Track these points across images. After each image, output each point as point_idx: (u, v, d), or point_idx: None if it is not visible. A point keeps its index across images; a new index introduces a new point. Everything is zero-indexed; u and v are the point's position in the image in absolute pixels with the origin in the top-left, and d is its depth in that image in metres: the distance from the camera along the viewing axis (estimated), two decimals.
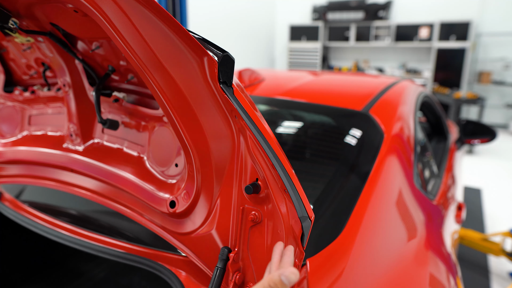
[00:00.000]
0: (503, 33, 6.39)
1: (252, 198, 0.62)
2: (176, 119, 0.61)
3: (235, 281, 0.62)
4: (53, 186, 1.01)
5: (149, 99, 0.83)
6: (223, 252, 0.63)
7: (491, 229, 3.13)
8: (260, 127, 0.55)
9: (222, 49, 0.56)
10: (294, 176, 0.55)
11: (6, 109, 1.12)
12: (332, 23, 7.61)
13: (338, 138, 1.23)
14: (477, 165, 4.77)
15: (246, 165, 0.62)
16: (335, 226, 0.86)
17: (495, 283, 2.40)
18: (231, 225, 0.65)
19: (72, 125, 0.94)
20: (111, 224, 1.09)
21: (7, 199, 1.25)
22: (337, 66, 8.02)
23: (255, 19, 7.53)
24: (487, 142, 2.37)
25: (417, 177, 1.22)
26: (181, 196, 0.72)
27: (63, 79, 0.91)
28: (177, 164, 0.77)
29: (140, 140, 0.85)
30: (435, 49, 6.69)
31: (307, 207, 0.54)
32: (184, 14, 3.56)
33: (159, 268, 0.83)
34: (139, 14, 0.51)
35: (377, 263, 0.83)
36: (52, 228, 1.05)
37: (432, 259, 0.98)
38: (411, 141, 1.30)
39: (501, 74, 6.61)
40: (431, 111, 2.17)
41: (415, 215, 1.08)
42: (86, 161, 0.92)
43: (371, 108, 1.30)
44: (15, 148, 1.08)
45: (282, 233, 0.56)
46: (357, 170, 1.05)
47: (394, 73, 7.25)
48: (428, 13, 6.89)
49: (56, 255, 1.61)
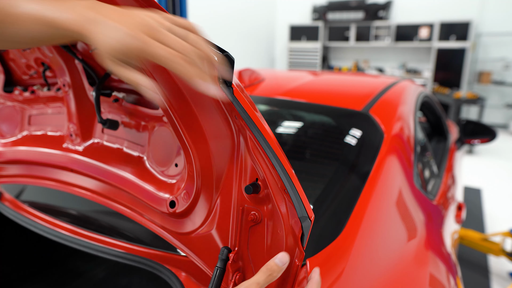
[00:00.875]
0: (503, 33, 6.40)
1: (252, 198, 0.62)
2: (175, 119, 0.61)
3: (235, 281, 0.62)
4: (53, 186, 1.01)
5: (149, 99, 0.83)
6: (223, 252, 0.63)
7: (491, 229, 3.13)
8: (260, 127, 0.55)
9: (222, 49, 0.56)
10: (294, 176, 0.55)
11: (6, 109, 1.12)
12: (332, 23, 7.61)
13: (338, 138, 1.24)
14: (477, 165, 4.77)
15: (246, 165, 0.62)
16: (335, 226, 0.86)
17: (495, 283, 2.40)
18: (231, 225, 0.65)
19: (72, 125, 0.94)
20: (111, 224, 1.09)
21: (7, 199, 1.25)
22: (337, 66, 8.02)
23: (255, 19, 7.53)
24: (487, 142, 2.38)
25: (417, 177, 1.22)
26: (181, 196, 0.72)
27: (63, 79, 0.91)
28: (177, 164, 0.77)
29: (140, 140, 0.85)
30: (435, 49, 6.70)
31: (307, 207, 0.54)
32: (184, 14, 3.56)
33: (159, 268, 0.83)
34: None
35: (377, 263, 0.83)
36: (52, 228, 1.05)
37: (432, 259, 0.98)
38: (411, 141, 1.30)
39: (501, 74, 6.61)
40: (431, 111, 2.17)
41: (415, 215, 1.08)
42: (86, 161, 0.92)
43: (371, 108, 1.30)
44: (15, 148, 1.08)
45: (282, 233, 0.56)
46: (357, 170, 1.05)
47: (394, 73, 7.25)
48: (428, 13, 6.89)
49: (56, 255, 1.61)
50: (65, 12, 0.47)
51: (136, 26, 0.45)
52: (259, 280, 0.49)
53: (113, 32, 0.45)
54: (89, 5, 0.48)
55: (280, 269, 0.49)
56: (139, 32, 0.44)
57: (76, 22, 0.47)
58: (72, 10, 0.47)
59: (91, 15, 0.47)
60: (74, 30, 0.47)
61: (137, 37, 0.44)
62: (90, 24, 0.46)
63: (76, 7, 0.48)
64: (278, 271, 0.49)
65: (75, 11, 0.47)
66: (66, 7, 0.48)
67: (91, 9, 0.47)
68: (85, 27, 0.46)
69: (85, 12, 0.47)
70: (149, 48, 0.44)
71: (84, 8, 0.48)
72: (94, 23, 0.46)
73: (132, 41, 0.44)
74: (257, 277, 0.49)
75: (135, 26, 0.45)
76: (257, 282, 0.49)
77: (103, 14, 0.46)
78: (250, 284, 0.48)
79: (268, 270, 0.49)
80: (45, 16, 0.47)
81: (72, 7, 0.48)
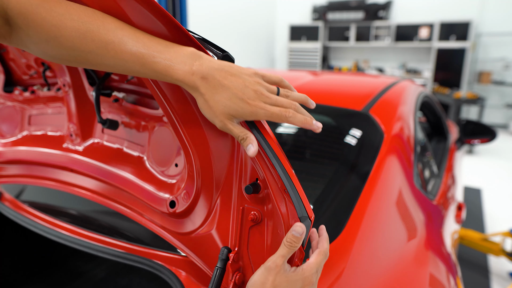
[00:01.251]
0: (503, 33, 6.40)
1: (252, 198, 0.62)
2: (176, 119, 0.61)
3: (235, 281, 0.62)
4: (53, 186, 1.01)
5: (149, 99, 0.83)
6: (223, 252, 0.63)
7: (491, 229, 3.13)
8: (260, 127, 0.55)
9: (222, 49, 0.56)
10: (294, 176, 0.55)
11: (6, 109, 1.12)
12: (332, 23, 7.61)
13: (338, 138, 1.23)
14: (477, 165, 4.77)
15: (246, 165, 0.62)
16: (335, 226, 0.86)
17: (495, 283, 2.40)
18: (231, 225, 0.65)
19: (72, 125, 0.94)
20: (111, 224, 1.09)
21: (7, 199, 1.25)
22: (337, 66, 8.03)
23: (255, 19, 7.53)
24: (487, 142, 2.38)
25: (417, 177, 1.22)
26: (181, 196, 0.72)
27: (63, 79, 0.91)
28: (177, 164, 0.77)
29: (140, 140, 0.85)
30: (435, 49, 6.70)
31: (307, 207, 0.54)
32: (184, 14, 3.56)
33: (159, 268, 0.83)
34: (136, 11, 0.51)
35: (377, 263, 0.83)
36: (52, 228, 1.05)
37: (432, 259, 0.98)
38: (411, 141, 1.30)
39: (501, 74, 6.61)
40: (431, 111, 2.17)
41: (415, 215, 1.08)
42: (86, 161, 0.92)
43: (371, 108, 1.30)
44: (15, 148, 1.08)
45: (282, 233, 0.56)
46: (357, 170, 1.05)
47: (394, 73, 7.25)
48: (428, 13, 6.89)
49: (56, 255, 1.61)
50: (175, 62, 0.50)
51: (247, 91, 0.51)
52: (283, 253, 0.52)
53: (227, 96, 0.50)
54: (194, 55, 0.51)
55: (299, 239, 0.52)
56: (254, 99, 0.52)
57: (188, 75, 0.50)
58: (181, 61, 0.50)
59: (201, 70, 0.50)
60: (185, 82, 0.50)
61: (252, 104, 0.51)
62: (202, 81, 0.50)
63: (183, 57, 0.50)
64: (298, 242, 0.52)
65: (185, 62, 0.50)
66: (172, 55, 0.50)
67: (198, 62, 0.51)
68: (196, 84, 0.50)
69: (195, 66, 0.50)
70: (262, 111, 0.52)
71: (191, 59, 0.50)
72: (206, 81, 0.50)
73: (247, 106, 0.51)
74: (280, 250, 0.53)
75: (246, 91, 0.51)
76: (282, 255, 0.52)
77: (209, 68, 0.50)
78: (277, 258, 0.52)
79: (288, 243, 0.52)
80: (150, 61, 0.50)
81: (179, 56, 0.50)
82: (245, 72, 0.54)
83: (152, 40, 0.51)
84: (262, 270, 0.53)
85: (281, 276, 0.52)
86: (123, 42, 0.49)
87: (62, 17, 0.47)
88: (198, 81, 0.50)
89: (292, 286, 0.53)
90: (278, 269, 0.52)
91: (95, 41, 0.48)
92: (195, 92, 0.51)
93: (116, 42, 0.49)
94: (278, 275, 0.52)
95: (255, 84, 0.53)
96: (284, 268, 0.53)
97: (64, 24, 0.47)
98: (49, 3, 0.47)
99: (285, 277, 0.52)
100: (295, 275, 0.53)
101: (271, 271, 0.52)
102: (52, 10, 0.47)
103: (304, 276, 0.54)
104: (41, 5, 0.47)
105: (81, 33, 0.48)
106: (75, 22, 0.48)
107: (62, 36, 0.48)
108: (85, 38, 0.48)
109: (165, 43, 0.51)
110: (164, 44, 0.51)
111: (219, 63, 0.52)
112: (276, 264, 0.52)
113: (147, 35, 0.51)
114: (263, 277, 0.52)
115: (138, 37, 0.50)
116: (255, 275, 0.53)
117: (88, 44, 0.48)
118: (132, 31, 0.50)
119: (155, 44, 0.50)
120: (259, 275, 0.52)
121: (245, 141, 0.53)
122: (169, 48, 0.51)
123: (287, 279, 0.52)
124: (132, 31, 0.50)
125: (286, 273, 0.52)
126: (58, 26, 0.47)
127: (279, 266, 0.52)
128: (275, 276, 0.51)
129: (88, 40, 0.48)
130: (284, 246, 0.53)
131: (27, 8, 0.46)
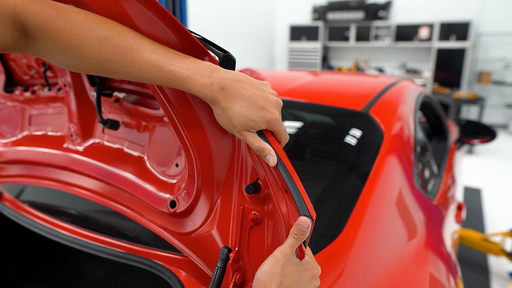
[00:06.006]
0: (503, 33, 6.40)
1: (252, 198, 0.62)
2: (178, 121, 0.61)
3: (235, 281, 0.62)
4: (53, 186, 1.01)
5: (150, 99, 0.83)
6: (223, 252, 0.63)
7: (491, 229, 3.13)
8: None
9: (223, 49, 0.56)
10: (295, 175, 0.55)
11: (7, 109, 1.12)
12: (332, 23, 7.61)
13: (338, 138, 1.24)
14: (477, 165, 4.77)
15: (246, 165, 0.62)
16: (335, 226, 0.87)
17: (495, 283, 2.40)
18: (231, 225, 0.65)
19: (72, 125, 0.95)
20: (111, 224, 1.09)
21: (7, 199, 1.25)
22: (337, 66, 8.03)
23: (255, 19, 7.53)
24: (487, 142, 2.38)
25: (417, 177, 1.22)
26: (181, 196, 0.72)
27: (64, 79, 0.91)
28: (177, 164, 0.77)
29: (140, 140, 0.85)
30: (435, 49, 6.70)
31: (309, 206, 0.54)
32: (184, 14, 3.56)
33: (159, 268, 0.83)
34: (139, 12, 0.51)
35: (377, 263, 0.84)
36: (52, 228, 1.05)
37: (432, 259, 0.98)
38: (411, 141, 1.30)
39: (501, 74, 6.61)
40: (431, 111, 2.17)
41: (415, 215, 1.08)
42: (87, 161, 0.92)
43: (371, 108, 1.30)
44: (15, 148, 1.08)
45: (283, 232, 0.57)
46: (357, 170, 1.05)
47: (394, 73, 7.25)
48: (428, 13, 6.89)
49: (56, 255, 1.61)
50: (193, 72, 0.51)
51: (268, 100, 0.54)
52: (291, 243, 0.53)
53: (246, 105, 0.52)
54: (211, 67, 0.52)
55: (305, 232, 0.52)
56: (275, 108, 0.54)
57: (207, 86, 0.51)
58: (198, 71, 0.51)
59: (219, 81, 0.51)
60: (203, 93, 0.51)
61: (273, 112, 0.54)
62: (221, 91, 0.51)
63: (200, 69, 0.52)
64: (304, 233, 0.53)
65: (203, 74, 0.51)
66: (190, 66, 0.51)
67: (216, 74, 0.52)
68: (215, 94, 0.51)
69: (213, 77, 0.51)
70: (279, 120, 0.55)
71: (208, 71, 0.52)
72: (225, 92, 0.52)
73: (267, 114, 0.53)
74: (288, 241, 0.53)
75: (267, 100, 0.54)
76: (290, 245, 0.53)
77: (227, 79, 0.52)
78: (286, 247, 0.53)
79: (295, 235, 0.53)
80: (168, 68, 0.51)
81: (196, 67, 0.51)
82: (260, 82, 0.56)
83: (169, 50, 0.52)
84: (270, 260, 0.53)
85: (290, 266, 0.53)
86: (141, 49, 0.50)
87: (81, 26, 0.48)
88: (216, 92, 0.51)
89: (301, 276, 0.54)
90: (287, 257, 0.52)
91: (114, 47, 0.49)
92: (214, 103, 0.52)
93: (135, 48, 0.50)
94: (287, 265, 0.52)
95: (272, 94, 0.56)
96: (292, 258, 0.53)
97: (84, 33, 0.48)
98: (67, 13, 0.48)
99: (295, 267, 0.53)
100: (303, 267, 0.54)
101: (280, 260, 0.52)
102: (71, 20, 0.47)
103: (311, 267, 0.56)
104: (59, 16, 0.47)
105: (100, 40, 0.48)
106: (95, 30, 0.48)
107: (80, 45, 0.48)
108: (104, 46, 0.49)
109: (182, 54, 0.53)
110: (181, 55, 0.52)
111: (235, 73, 0.53)
112: (285, 253, 0.53)
113: (164, 46, 0.52)
114: (272, 266, 0.52)
115: (155, 46, 0.51)
116: (263, 265, 0.53)
117: (106, 51, 0.49)
118: (149, 40, 0.51)
119: (172, 54, 0.51)
120: (267, 265, 0.53)
121: (263, 152, 0.54)
122: (187, 59, 0.52)
123: (297, 269, 0.53)
124: (150, 40, 0.52)
125: (294, 264, 0.53)
126: (77, 36, 0.48)
127: (288, 255, 0.53)
128: (283, 265, 0.52)
129: (106, 47, 0.49)
130: (292, 237, 0.53)
131: (46, 21, 0.46)
